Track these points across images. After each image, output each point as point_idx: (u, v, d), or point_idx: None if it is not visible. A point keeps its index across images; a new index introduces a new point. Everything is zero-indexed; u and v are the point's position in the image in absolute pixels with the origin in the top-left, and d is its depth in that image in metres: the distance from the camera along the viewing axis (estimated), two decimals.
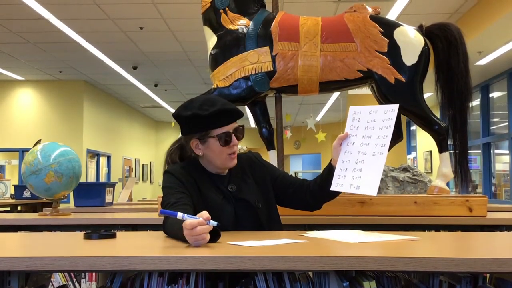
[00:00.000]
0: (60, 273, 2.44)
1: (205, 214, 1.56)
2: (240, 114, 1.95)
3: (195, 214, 1.70)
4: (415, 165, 13.17)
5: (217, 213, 1.83)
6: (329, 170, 1.97)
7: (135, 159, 15.34)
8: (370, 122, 1.89)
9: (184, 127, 1.95)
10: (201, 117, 1.87)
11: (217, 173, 2.00)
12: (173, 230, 1.71)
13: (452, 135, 2.77)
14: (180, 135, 2.06)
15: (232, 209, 1.93)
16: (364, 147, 1.86)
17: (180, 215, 1.58)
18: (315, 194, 2.03)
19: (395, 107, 1.88)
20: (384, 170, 3.51)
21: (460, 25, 3.06)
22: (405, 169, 3.51)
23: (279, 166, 2.88)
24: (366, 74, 2.71)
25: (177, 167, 1.99)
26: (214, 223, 1.57)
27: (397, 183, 3.43)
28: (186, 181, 1.92)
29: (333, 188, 1.90)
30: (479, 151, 9.91)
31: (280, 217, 2.09)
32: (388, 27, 2.72)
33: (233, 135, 1.92)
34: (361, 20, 2.72)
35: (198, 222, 1.52)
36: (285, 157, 3.14)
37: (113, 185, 4.21)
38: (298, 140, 17.19)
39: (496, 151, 9.86)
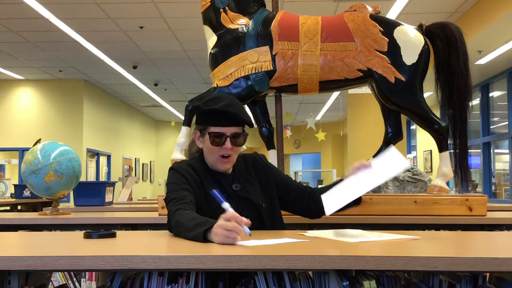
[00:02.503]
0: (60, 273, 2.44)
1: (245, 218, 1.56)
2: (241, 121, 1.92)
3: (197, 212, 1.76)
4: (415, 164, 13.17)
5: (220, 212, 1.84)
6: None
7: (135, 158, 15.34)
8: (387, 167, 1.86)
9: (195, 116, 2.04)
10: (201, 111, 1.94)
11: (220, 171, 1.99)
12: (188, 226, 1.65)
13: (452, 134, 2.77)
14: None
15: (235, 208, 1.93)
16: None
17: (226, 204, 1.64)
18: (318, 203, 1.99)
19: (404, 166, 1.85)
20: None
21: (460, 24, 3.06)
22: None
23: (279, 165, 2.88)
24: (366, 74, 2.71)
25: (183, 164, 2.00)
26: (248, 231, 1.55)
27: (397, 182, 3.43)
28: (191, 178, 1.93)
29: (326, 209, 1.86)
30: (479, 150, 9.91)
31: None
32: (388, 26, 2.71)
33: (228, 138, 1.90)
34: (361, 19, 2.72)
35: (238, 218, 1.54)
36: (285, 156, 3.14)
37: (113, 184, 4.21)
38: (298, 139, 17.19)
39: (496, 150, 9.86)
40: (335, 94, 11.52)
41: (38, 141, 3.13)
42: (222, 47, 2.79)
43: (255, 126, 3.01)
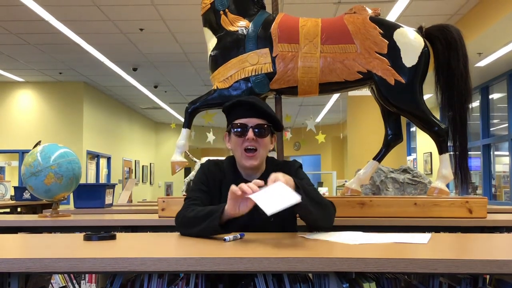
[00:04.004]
0: (60, 275, 2.44)
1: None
2: (263, 112, 1.93)
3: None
4: (415, 166, 13.17)
5: (230, 219, 1.84)
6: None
7: (135, 160, 15.34)
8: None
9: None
10: (225, 108, 1.98)
11: (247, 176, 1.99)
12: (200, 216, 1.75)
13: (452, 136, 2.77)
14: None
15: (248, 215, 1.92)
16: None
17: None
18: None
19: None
20: (384, 172, 3.51)
21: (460, 26, 3.06)
22: (405, 171, 3.51)
23: None
24: (366, 76, 2.71)
25: (211, 163, 2.04)
26: (242, 234, 1.72)
27: (397, 185, 3.43)
28: (212, 179, 1.97)
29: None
30: (479, 152, 9.91)
31: None
32: (388, 29, 2.72)
33: (251, 129, 1.91)
34: (361, 21, 2.72)
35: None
36: (285, 158, 3.14)
37: (113, 186, 4.21)
38: (298, 141, 17.21)
39: (496, 153, 9.86)
40: (335, 96, 11.53)
41: (38, 143, 3.13)
42: (222, 49, 2.79)
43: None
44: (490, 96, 9.77)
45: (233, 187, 1.66)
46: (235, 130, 1.93)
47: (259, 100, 2.00)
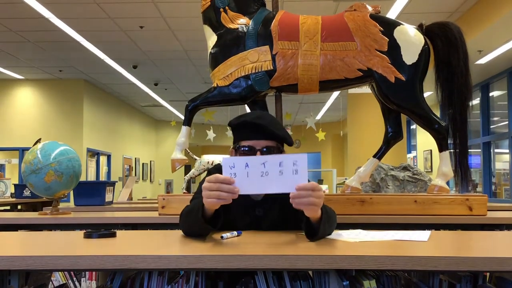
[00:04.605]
0: (60, 272, 2.44)
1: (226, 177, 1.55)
2: (272, 134, 1.84)
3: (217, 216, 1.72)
4: (415, 164, 13.17)
5: (241, 216, 1.84)
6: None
7: (135, 158, 15.34)
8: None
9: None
10: (232, 125, 1.90)
11: None
12: (192, 215, 1.69)
13: (452, 134, 2.77)
14: None
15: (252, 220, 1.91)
16: None
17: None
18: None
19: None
20: (384, 169, 3.52)
21: (460, 24, 3.05)
22: (405, 168, 3.52)
23: None
24: (366, 73, 2.70)
25: (220, 167, 1.97)
26: (240, 232, 1.73)
27: (397, 182, 3.44)
28: None
29: None
30: (479, 150, 9.92)
31: None
32: (388, 26, 2.71)
33: (258, 152, 1.83)
34: (361, 19, 2.72)
35: (224, 179, 1.54)
36: None
37: (113, 184, 4.21)
38: (298, 139, 17.19)
39: (496, 150, 9.87)
40: (335, 93, 11.52)
41: (38, 141, 3.13)
42: (222, 47, 2.78)
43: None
44: (490, 94, 9.76)
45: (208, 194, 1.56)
46: (242, 150, 1.86)
47: (268, 119, 1.90)
